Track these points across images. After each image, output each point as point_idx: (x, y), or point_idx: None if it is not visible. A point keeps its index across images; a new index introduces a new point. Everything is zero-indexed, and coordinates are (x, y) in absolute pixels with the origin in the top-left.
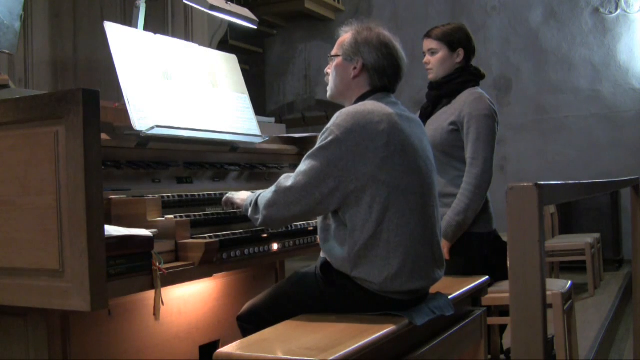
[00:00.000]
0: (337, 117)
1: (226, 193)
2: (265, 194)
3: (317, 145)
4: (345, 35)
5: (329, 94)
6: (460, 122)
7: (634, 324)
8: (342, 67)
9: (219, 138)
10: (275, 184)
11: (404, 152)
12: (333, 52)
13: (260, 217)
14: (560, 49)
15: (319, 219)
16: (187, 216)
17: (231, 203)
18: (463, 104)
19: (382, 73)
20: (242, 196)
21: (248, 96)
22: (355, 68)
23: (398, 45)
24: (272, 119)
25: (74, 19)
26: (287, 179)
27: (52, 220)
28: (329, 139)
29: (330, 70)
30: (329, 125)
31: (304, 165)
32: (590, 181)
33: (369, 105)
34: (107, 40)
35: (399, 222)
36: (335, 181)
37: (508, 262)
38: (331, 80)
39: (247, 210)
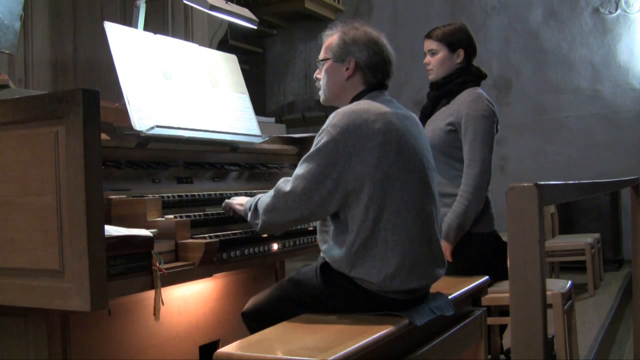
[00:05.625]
0: (332, 118)
1: (226, 193)
2: (264, 199)
3: (313, 147)
4: (331, 38)
5: (322, 98)
6: (457, 122)
7: (634, 324)
8: (333, 70)
9: (219, 138)
10: (274, 188)
11: (400, 151)
12: (321, 57)
13: (260, 222)
14: (560, 49)
15: (318, 222)
16: (187, 216)
17: (230, 209)
18: (461, 105)
19: (374, 70)
20: (240, 201)
21: (248, 96)
22: (347, 68)
23: (385, 40)
24: (272, 119)
25: (74, 19)
26: (286, 183)
27: (52, 220)
28: (325, 139)
29: (320, 75)
30: (324, 126)
31: (301, 169)
32: (590, 181)
33: (364, 104)
34: (107, 40)
35: (395, 221)
36: (334, 182)
37: (508, 262)
38: (323, 84)
39: (246, 215)
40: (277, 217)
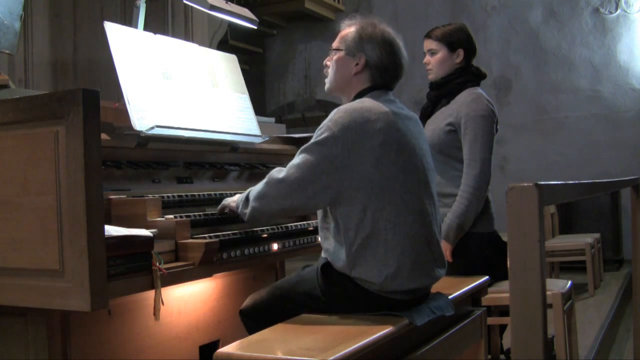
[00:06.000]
0: (334, 114)
1: (226, 193)
2: (255, 187)
3: (312, 140)
4: (348, 29)
5: (327, 86)
6: (457, 122)
7: (634, 324)
8: (343, 62)
9: (219, 138)
10: (267, 175)
11: (400, 151)
12: (335, 45)
13: (248, 209)
14: (560, 49)
15: (319, 218)
16: (187, 216)
17: (227, 208)
18: (460, 105)
19: (383, 71)
20: (235, 199)
21: (248, 96)
22: (357, 64)
23: (401, 43)
24: (272, 119)
25: (74, 19)
26: (280, 172)
27: (52, 220)
28: (325, 134)
29: (330, 62)
30: (325, 121)
31: (297, 159)
32: (590, 181)
33: (367, 102)
34: (107, 40)
35: (395, 221)
36: (329, 178)
37: (508, 262)
38: (331, 74)
39: (237, 208)
40: (266, 204)
